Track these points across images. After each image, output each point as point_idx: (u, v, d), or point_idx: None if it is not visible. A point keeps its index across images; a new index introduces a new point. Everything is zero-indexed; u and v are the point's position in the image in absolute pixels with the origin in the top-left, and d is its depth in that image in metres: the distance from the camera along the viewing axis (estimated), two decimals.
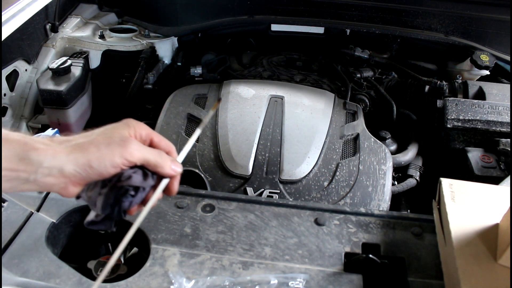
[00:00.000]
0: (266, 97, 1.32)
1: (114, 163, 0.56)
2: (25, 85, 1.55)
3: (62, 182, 0.56)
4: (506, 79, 1.62)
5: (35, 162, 0.54)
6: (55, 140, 0.57)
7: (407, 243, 0.83)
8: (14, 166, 0.54)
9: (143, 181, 0.60)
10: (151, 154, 0.60)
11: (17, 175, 0.54)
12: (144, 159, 0.59)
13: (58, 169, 0.55)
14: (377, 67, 1.73)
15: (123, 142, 0.57)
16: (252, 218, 0.87)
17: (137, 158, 0.58)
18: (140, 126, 0.61)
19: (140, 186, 0.59)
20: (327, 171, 1.12)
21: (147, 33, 1.75)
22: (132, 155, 0.57)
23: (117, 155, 0.56)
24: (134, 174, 0.59)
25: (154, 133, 0.63)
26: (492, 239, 0.74)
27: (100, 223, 0.63)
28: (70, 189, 0.58)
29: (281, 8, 1.66)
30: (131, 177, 0.58)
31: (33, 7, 1.55)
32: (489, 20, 1.59)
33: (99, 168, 0.56)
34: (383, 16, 1.63)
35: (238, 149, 1.14)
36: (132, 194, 0.59)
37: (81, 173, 0.56)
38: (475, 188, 0.86)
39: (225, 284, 0.72)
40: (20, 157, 0.54)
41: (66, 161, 0.55)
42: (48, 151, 0.55)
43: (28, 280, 0.73)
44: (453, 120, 1.31)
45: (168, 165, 0.61)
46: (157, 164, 0.60)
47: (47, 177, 0.55)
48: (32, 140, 0.56)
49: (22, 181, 0.55)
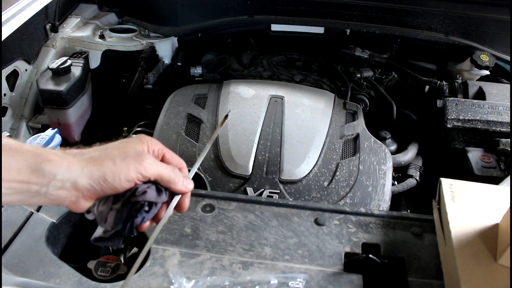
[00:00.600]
0: (266, 97, 1.32)
1: (129, 177, 0.56)
2: (25, 85, 1.55)
3: (74, 196, 0.55)
4: (506, 79, 1.62)
5: (48, 174, 0.53)
6: (69, 152, 0.57)
7: (407, 243, 0.83)
8: (25, 178, 0.52)
9: (157, 196, 0.59)
10: (165, 170, 0.60)
11: (27, 187, 0.53)
12: (158, 174, 0.59)
13: (71, 182, 0.54)
14: (377, 67, 1.73)
15: (139, 156, 0.57)
16: (252, 218, 0.87)
17: (151, 173, 0.58)
18: (153, 141, 0.61)
19: (154, 201, 0.59)
20: (327, 171, 1.12)
21: (147, 33, 1.75)
22: (147, 170, 0.57)
23: (132, 169, 0.56)
24: (148, 189, 0.58)
25: (166, 149, 0.63)
26: (492, 239, 0.74)
27: (108, 239, 0.61)
28: (81, 203, 0.57)
29: (281, 8, 1.66)
30: (146, 192, 0.58)
31: (33, 7, 1.55)
32: (489, 20, 1.59)
33: (114, 182, 0.55)
34: (383, 16, 1.63)
35: (238, 149, 1.15)
36: (146, 210, 0.59)
37: (95, 187, 0.55)
38: (475, 188, 0.86)
39: (225, 284, 0.72)
40: (32, 169, 0.52)
41: (81, 174, 0.54)
42: (63, 163, 0.54)
43: (28, 280, 0.73)
44: (453, 120, 1.31)
45: (181, 182, 0.61)
46: (170, 180, 0.60)
47: (59, 190, 0.54)
48: (46, 152, 0.55)
49: (33, 194, 0.53)
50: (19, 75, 1.52)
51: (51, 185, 0.53)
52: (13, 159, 0.52)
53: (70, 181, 0.54)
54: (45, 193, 0.54)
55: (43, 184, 0.53)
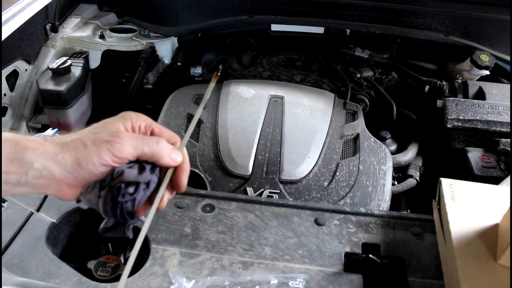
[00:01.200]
0: (266, 97, 1.32)
1: (103, 160, 0.52)
2: (25, 85, 1.55)
3: (55, 184, 0.53)
4: (506, 79, 1.62)
5: (26, 163, 0.51)
6: (48, 139, 0.54)
7: (407, 243, 0.83)
8: (4, 168, 0.50)
9: (139, 175, 0.54)
10: (145, 145, 0.54)
11: (7, 178, 0.51)
12: (137, 152, 0.54)
13: (48, 170, 0.51)
14: (377, 67, 1.73)
15: (112, 137, 0.53)
16: (252, 218, 0.87)
17: (127, 152, 0.53)
18: (139, 117, 0.57)
19: (136, 181, 0.54)
20: (327, 171, 1.12)
21: (147, 33, 1.75)
22: (122, 151, 0.52)
23: (104, 152, 0.52)
24: (127, 169, 0.54)
25: (155, 124, 0.58)
26: (492, 239, 0.74)
27: (113, 229, 0.59)
28: (66, 192, 0.54)
29: (281, 8, 1.66)
30: (123, 172, 0.53)
31: (33, 7, 1.55)
32: (489, 20, 1.59)
33: (88, 167, 0.52)
34: (383, 16, 1.63)
35: (238, 149, 1.14)
36: (131, 192, 0.54)
37: (72, 174, 0.52)
38: (475, 188, 0.86)
39: (225, 284, 0.72)
40: (10, 158, 0.51)
41: (55, 162, 0.51)
42: (39, 151, 0.52)
43: (28, 280, 0.73)
44: (453, 120, 1.31)
45: (167, 154, 0.56)
46: (153, 154, 0.55)
47: (38, 179, 0.52)
48: (25, 139, 0.52)
49: (14, 184, 0.51)
50: (19, 75, 1.52)
51: (29, 175, 0.51)
52: None
53: (47, 169, 0.51)
54: (25, 183, 0.51)
55: (22, 174, 0.51)
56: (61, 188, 0.54)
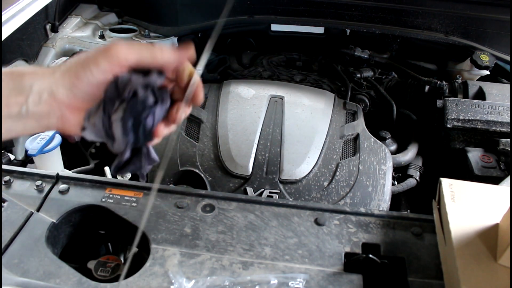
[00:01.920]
0: (266, 97, 1.32)
1: (101, 66, 0.49)
2: None
3: (57, 109, 0.50)
4: (506, 79, 1.62)
5: (25, 88, 0.48)
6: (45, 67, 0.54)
7: (407, 243, 0.83)
8: (4, 99, 0.48)
9: (146, 77, 0.50)
10: (143, 48, 0.51)
11: (8, 111, 0.48)
12: (136, 54, 0.51)
13: (48, 91, 0.49)
14: (377, 67, 1.73)
15: (107, 46, 0.50)
16: (252, 218, 0.87)
17: (124, 55, 0.50)
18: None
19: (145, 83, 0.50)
20: (327, 171, 1.12)
21: (147, 33, 1.75)
22: (118, 54, 0.50)
23: (100, 58, 0.49)
24: (132, 75, 0.50)
25: None
26: (492, 239, 0.74)
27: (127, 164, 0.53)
28: (69, 118, 0.51)
29: (281, 8, 1.66)
30: (129, 79, 0.49)
31: (33, 7, 1.55)
32: (489, 20, 1.59)
33: (86, 76, 0.49)
34: (383, 16, 1.63)
35: (238, 149, 1.14)
36: (150, 104, 0.49)
37: (71, 90, 0.49)
38: (475, 188, 0.86)
39: (225, 284, 0.72)
40: (10, 88, 0.48)
41: (54, 80, 0.49)
42: (37, 74, 0.50)
43: (28, 280, 0.73)
44: (453, 120, 1.31)
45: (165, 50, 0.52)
46: (154, 55, 0.51)
47: (39, 105, 0.49)
48: (22, 69, 0.51)
49: (16, 118, 0.49)
50: None
51: (30, 101, 0.49)
52: None
53: (47, 90, 0.49)
54: (27, 113, 0.49)
55: (22, 102, 0.48)
56: (63, 114, 0.51)
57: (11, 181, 0.93)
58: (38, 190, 0.91)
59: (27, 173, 0.95)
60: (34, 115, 0.50)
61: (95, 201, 0.89)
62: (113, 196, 0.90)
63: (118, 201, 0.89)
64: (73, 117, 0.51)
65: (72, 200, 0.89)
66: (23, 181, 0.93)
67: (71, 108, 0.51)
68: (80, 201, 0.89)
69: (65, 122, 0.51)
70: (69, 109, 0.51)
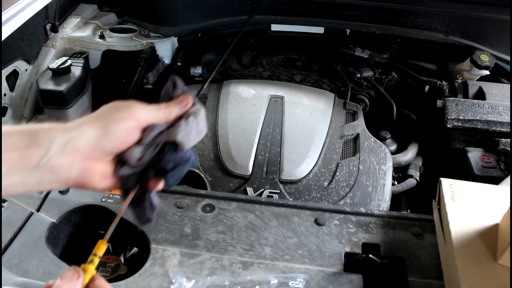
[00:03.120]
0: (266, 97, 1.32)
1: (127, 126, 0.54)
2: (25, 85, 1.55)
3: (79, 161, 0.51)
4: (506, 79, 1.62)
5: (45, 141, 0.49)
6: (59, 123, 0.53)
7: (407, 243, 0.83)
8: (23, 151, 0.48)
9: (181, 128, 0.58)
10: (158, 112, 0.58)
11: (27, 161, 0.48)
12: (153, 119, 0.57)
13: (72, 144, 0.50)
14: (377, 67, 1.73)
15: (130, 109, 0.55)
16: (252, 218, 0.87)
17: (145, 118, 0.56)
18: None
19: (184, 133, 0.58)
20: (327, 171, 1.12)
21: (147, 33, 1.75)
22: (140, 114, 0.56)
23: (127, 119, 0.54)
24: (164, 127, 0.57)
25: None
26: (492, 239, 0.74)
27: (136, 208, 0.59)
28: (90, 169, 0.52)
29: (281, 8, 1.66)
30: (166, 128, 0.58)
31: (33, 7, 1.55)
32: (489, 20, 1.59)
33: (115, 132, 0.52)
34: (383, 16, 1.63)
35: (238, 149, 1.14)
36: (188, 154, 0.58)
37: (98, 144, 0.52)
38: (475, 188, 0.86)
39: (225, 284, 0.72)
40: (29, 141, 0.49)
41: (79, 134, 0.51)
42: (58, 129, 0.51)
43: (28, 280, 0.73)
44: (453, 120, 1.31)
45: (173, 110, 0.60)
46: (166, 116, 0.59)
47: (60, 157, 0.49)
48: (40, 124, 0.51)
49: (33, 169, 0.48)
50: (19, 75, 1.52)
51: (51, 153, 0.49)
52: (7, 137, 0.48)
53: (71, 143, 0.50)
54: (46, 164, 0.49)
55: (42, 154, 0.49)
56: (85, 166, 0.52)
57: None
58: None
59: None
60: (54, 167, 0.50)
61: (95, 201, 0.89)
62: (113, 196, 0.90)
63: (118, 201, 0.89)
64: (94, 168, 0.53)
65: (72, 200, 0.89)
66: None
67: (94, 160, 0.53)
68: (80, 201, 0.89)
69: (87, 174, 0.53)
70: (92, 161, 0.53)
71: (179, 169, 0.58)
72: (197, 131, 0.61)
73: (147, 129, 0.56)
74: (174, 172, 0.58)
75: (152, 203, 0.60)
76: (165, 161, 0.56)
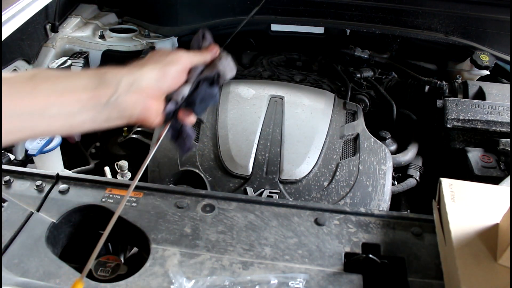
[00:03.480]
0: (266, 97, 1.32)
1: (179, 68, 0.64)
2: None
3: (142, 99, 0.59)
4: (506, 79, 1.62)
5: (113, 82, 0.56)
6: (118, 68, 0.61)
7: (407, 243, 0.83)
8: (93, 91, 0.55)
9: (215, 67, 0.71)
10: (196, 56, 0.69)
11: (97, 100, 0.55)
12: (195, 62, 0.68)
13: (137, 83, 0.58)
14: (377, 67, 1.73)
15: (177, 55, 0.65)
16: (252, 218, 0.87)
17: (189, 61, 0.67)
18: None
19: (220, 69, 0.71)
20: (327, 171, 1.12)
21: (147, 33, 1.75)
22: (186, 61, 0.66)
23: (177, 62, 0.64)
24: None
25: None
26: (492, 239, 0.74)
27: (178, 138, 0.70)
28: (151, 106, 0.61)
29: (281, 8, 1.66)
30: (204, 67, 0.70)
31: (33, 7, 1.55)
32: (489, 20, 1.59)
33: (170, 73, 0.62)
34: (383, 16, 1.63)
35: (238, 149, 1.14)
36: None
37: (158, 84, 0.61)
38: (475, 188, 0.86)
39: (225, 284, 0.72)
40: (98, 82, 0.55)
41: (141, 75, 0.59)
42: (123, 71, 0.58)
43: (28, 280, 0.73)
44: (453, 120, 1.31)
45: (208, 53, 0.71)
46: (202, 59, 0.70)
47: (127, 95, 0.57)
48: (104, 68, 0.58)
49: (103, 106, 0.55)
50: None
51: (118, 92, 0.56)
52: (77, 79, 0.55)
53: (136, 83, 0.58)
54: (115, 102, 0.56)
55: (111, 93, 0.56)
56: (146, 104, 0.60)
57: (11, 181, 0.93)
58: (38, 190, 0.91)
59: (27, 173, 0.95)
60: (121, 104, 0.57)
61: (95, 201, 0.89)
62: (113, 196, 0.90)
63: (118, 201, 0.89)
64: (153, 106, 0.62)
65: (72, 200, 0.89)
66: (23, 181, 0.93)
67: (153, 98, 0.61)
68: (80, 201, 0.89)
69: (147, 111, 0.61)
70: (152, 99, 0.61)
71: (206, 102, 0.69)
72: (230, 68, 0.72)
73: (191, 70, 0.67)
74: (201, 105, 0.68)
75: (188, 134, 0.70)
76: (196, 94, 0.67)
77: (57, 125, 0.54)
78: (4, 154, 1.22)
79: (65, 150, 1.29)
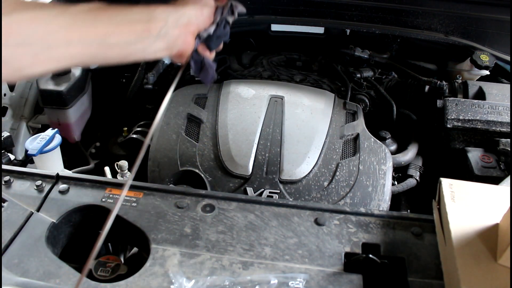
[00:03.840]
0: (266, 97, 1.32)
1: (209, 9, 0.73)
2: (25, 85, 1.55)
3: (184, 33, 0.68)
4: (506, 79, 1.62)
5: (162, 17, 0.64)
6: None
7: (407, 243, 0.83)
8: (146, 24, 0.62)
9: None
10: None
11: (149, 32, 0.62)
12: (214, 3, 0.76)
13: (182, 19, 0.67)
14: (377, 67, 1.73)
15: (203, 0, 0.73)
16: (252, 218, 0.87)
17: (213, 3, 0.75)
18: None
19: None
20: (327, 171, 1.12)
21: None
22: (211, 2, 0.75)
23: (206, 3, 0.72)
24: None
25: None
26: (492, 239, 0.74)
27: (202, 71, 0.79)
28: (189, 40, 0.70)
29: (281, 8, 1.66)
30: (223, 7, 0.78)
31: None
32: (489, 20, 1.59)
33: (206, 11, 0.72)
34: (383, 16, 1.63)
35: (238, 149, 1.14)
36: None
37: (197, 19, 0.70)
38: (475, 188, 0.86)
39: (225, 284, 0.72)
40: (149, 17, 0.62)
41: (185, 12, 0.67)
42: (170, 8, 0.66)
43: (28, 280, 0.73)
44: (453, 120, 1.31)
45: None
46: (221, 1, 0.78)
47: (174, 29, 0.65)
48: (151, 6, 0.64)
49: (154, 38, 0.63)
50: None
51: (168, 25, 0.64)
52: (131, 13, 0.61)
53: (182, 18, 0.66)
54: (164, 34, 0.64)
55: (161, 26, 0.63)
56: (187, 38, 0.69)
57: (11, 181, 0.93)
58: (38, 190, 0.91)
59: (27, 173, 0.95)
60: (168, 36, 0.65)
61: (95, 201, 0.89)
62: (113, 196, 0.91)
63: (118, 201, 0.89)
64: (190, 41, 0.71)
65: (72, 200, 0.89)
66: (23, 181, 0.93)
67: (191, 34, 0.70)
68: (80, 201, 0.89)
69: (186, 45, 0.70)
70: (191, 35, 0.70)
71: (221, 39, 0.80)
72: (241, 8, 0.82)
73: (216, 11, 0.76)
74: (217, 41, 0.79)
75: (211, 64, 0.79)
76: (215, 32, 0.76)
77: (114, 53, 0.61)
78: (4, 154, 1.22)
79: (65, 150, 1.29)
